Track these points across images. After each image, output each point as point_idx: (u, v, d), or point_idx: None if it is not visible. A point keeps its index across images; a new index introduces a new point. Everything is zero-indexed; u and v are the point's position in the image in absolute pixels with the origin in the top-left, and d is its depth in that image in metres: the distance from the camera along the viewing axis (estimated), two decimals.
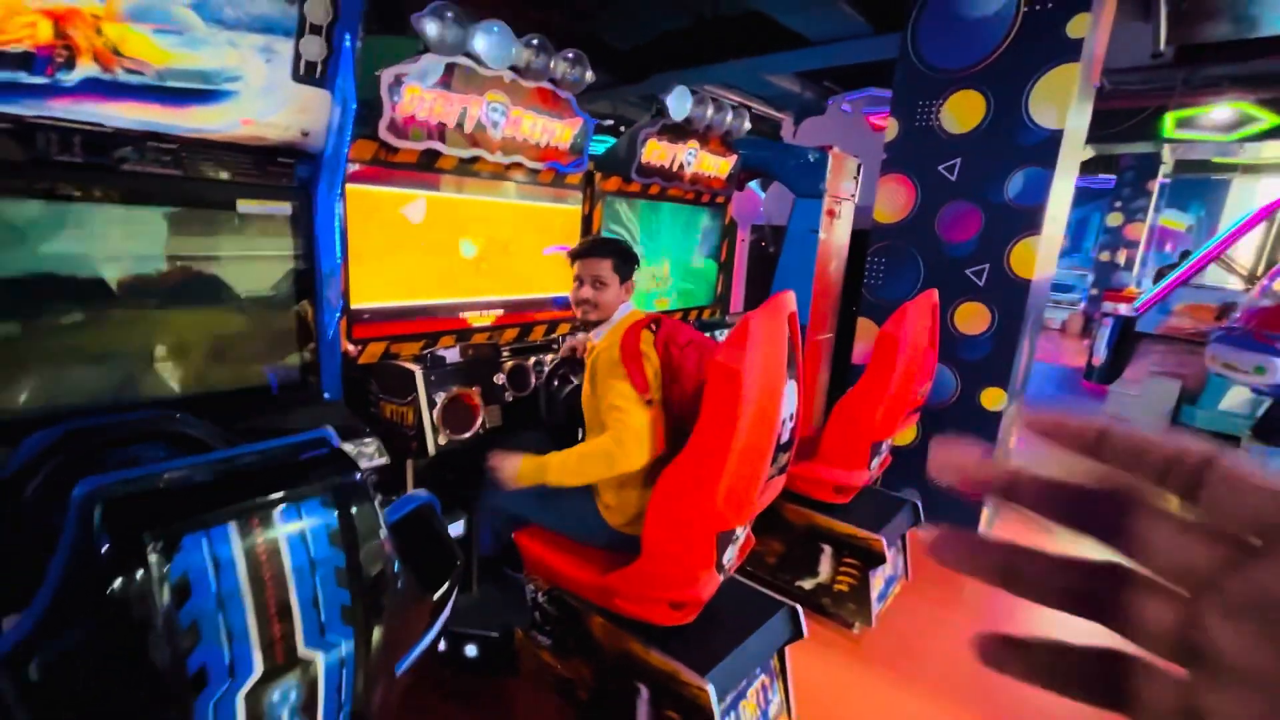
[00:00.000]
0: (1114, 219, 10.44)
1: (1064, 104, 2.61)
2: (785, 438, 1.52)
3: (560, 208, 2.44)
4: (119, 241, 1.36)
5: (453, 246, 2.11)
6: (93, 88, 1.17)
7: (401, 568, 0.81)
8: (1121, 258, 10.43)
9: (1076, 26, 2.52)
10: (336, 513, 0.75)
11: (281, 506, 0.70)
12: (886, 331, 2.12)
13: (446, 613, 0.99)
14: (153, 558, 0.61)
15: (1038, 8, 2.59)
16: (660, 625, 1.56)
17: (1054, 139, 2.65)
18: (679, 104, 2.55)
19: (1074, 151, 2.86)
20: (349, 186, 1.79)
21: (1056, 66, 2.59)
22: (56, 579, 0.61)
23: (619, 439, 1.53)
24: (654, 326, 1.66)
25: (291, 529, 0.70)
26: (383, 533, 0.78)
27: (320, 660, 0.72)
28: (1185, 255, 6.42)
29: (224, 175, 1.46)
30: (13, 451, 1.18)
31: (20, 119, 1.15)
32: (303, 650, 0.70)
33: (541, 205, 2.36)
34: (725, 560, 1.55)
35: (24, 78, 1.10)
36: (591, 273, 1.72)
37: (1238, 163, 9.99)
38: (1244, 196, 10.86)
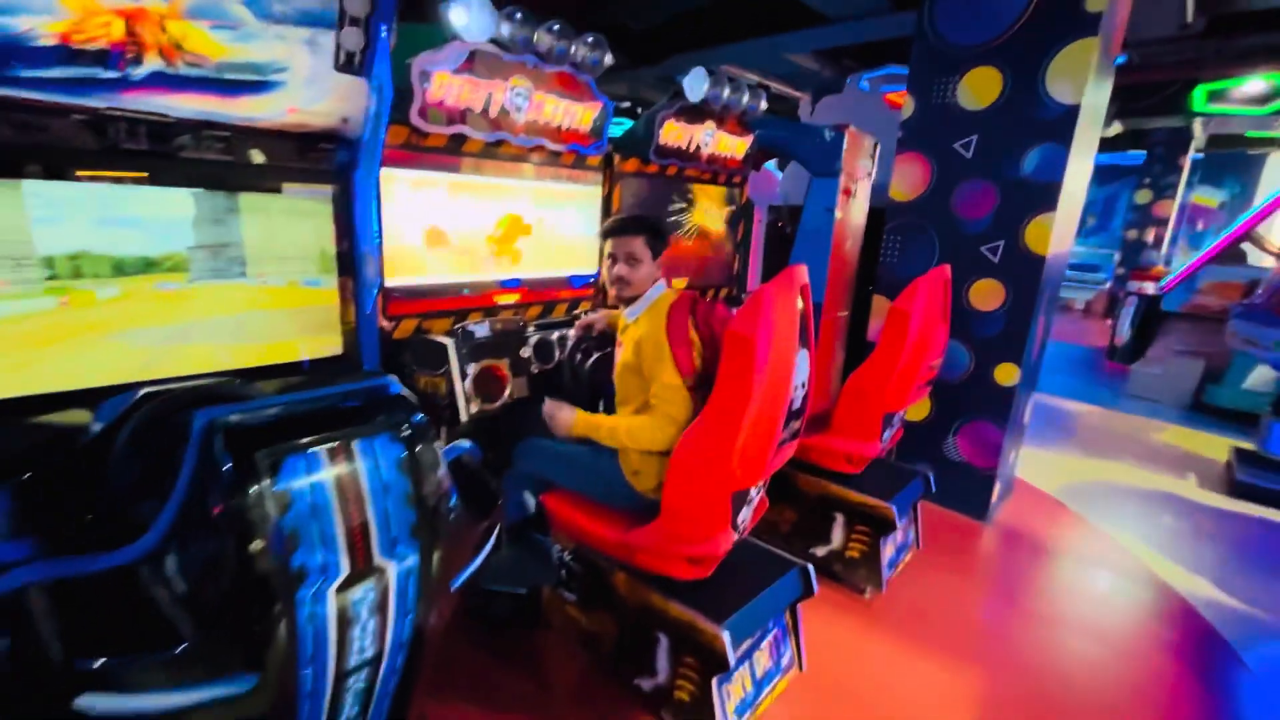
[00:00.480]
0: (1142, 196, 10.20)
1: (1081, 79, 2.61)
2: (797, 404, 1.60)
3: (581, 189, 2.52)
4: (176, 223, 1.48)
5: (480, 226, 2.21)
6: (158, 80, 1.28)
7: (456, 498, 0.93)
8: (1150, 236, 10.20)
9: (1095, 0, 2.52)
10: (403, 446, 0.87)
11: (359, 439, 0.83)
12: (898, 306, 2.19)
13: (491, 542, 1.11)
14: (263, 475, 0.73)
15: None
16: (679, 579, 1.67)
17: (1070, 115, 2.66)
18: (695, 85, 2.60)
19: (1092, 127, 2.86)
20: (383, 170, 1.90)
21: (1074, 41, 2.58)
22: (182, 493, 0.74)
23: (662, 425, 1.64)
24: (693, 309, 1.72)
25: (368, 457, 0.82)
26: (441, 467, 0.90)
27: (392, 568, 0.84)
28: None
29: (270, 160, 1.57)
30: (94, 414, 1.32)
31: (95, 110, 1.27)
32: (378, 558, 0.83)
33: (563, 186, 2.45)
34: (740, 520, 1.65)
35: (100, 73, 1.21)
36: (625, 250, 1.76)
37: (1274, 136, 9.67)
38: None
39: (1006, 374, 2.97)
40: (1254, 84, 6.34)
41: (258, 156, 1.55)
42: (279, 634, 0.77)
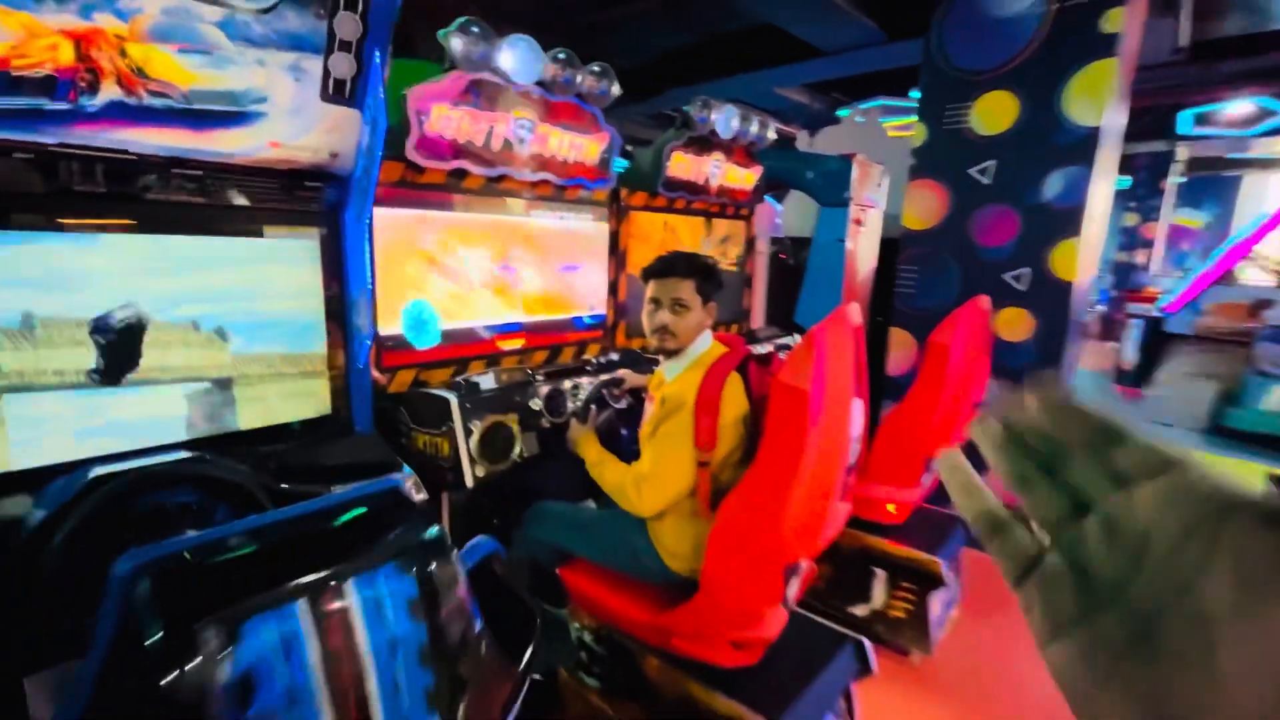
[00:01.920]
0: (1130, 219, 10.32)
1: (1101, 101, 2.53)
2: (851, 460, 1.41)
3: (586, 225, 2.37)
4: (140, 274, 1.29)
5: (479, 268, 2.04)
6: (117, 112, 1.11)
7: (483, 629, 0.71)
8: (1140, 258, 10.28)
9: (1112, 21, 2.45)
10: (416, 577, 0.64)
11: (354, 576, 0.60)
12: (937, 340, 2.02)
13: (530, 676, 0.88)
14: (211, 648, 0.51)
15: (1068, 4, 2.53)
16: (722, 666, 1.45)
17: (1092, 137, 2.57)
18: (725, 122, 2.55)
19: (1113, 150, 2.78)
20: (375, 210, 1.73)
21: (1092, 63, 2.51)
22: (98, 666, 0.52)
23: (641, 492, 1.43)
24: (744, 368, 1.49)
25: (367, 604, 0.60)
26: (463, 590, 0.68)
27: None
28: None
29: (250, 201, 1.39)
30: (36, 499, 1.11)
31: (42, 147, 1.09)
32: None
33: (568, 223, 2.29)
34: (789, 595, 1.44)
35: (46, 104, 1.04)
36: (671, 294, 1.51)
37: (1251, 158, 9.86)
38: (1256, 192, 10.72)
39: None
40: (1241, 107, 6.43)
41: (236, 197, 1.38)
42: None
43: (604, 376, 1.98)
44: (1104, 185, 2.78)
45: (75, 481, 1.05)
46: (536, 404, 1.83)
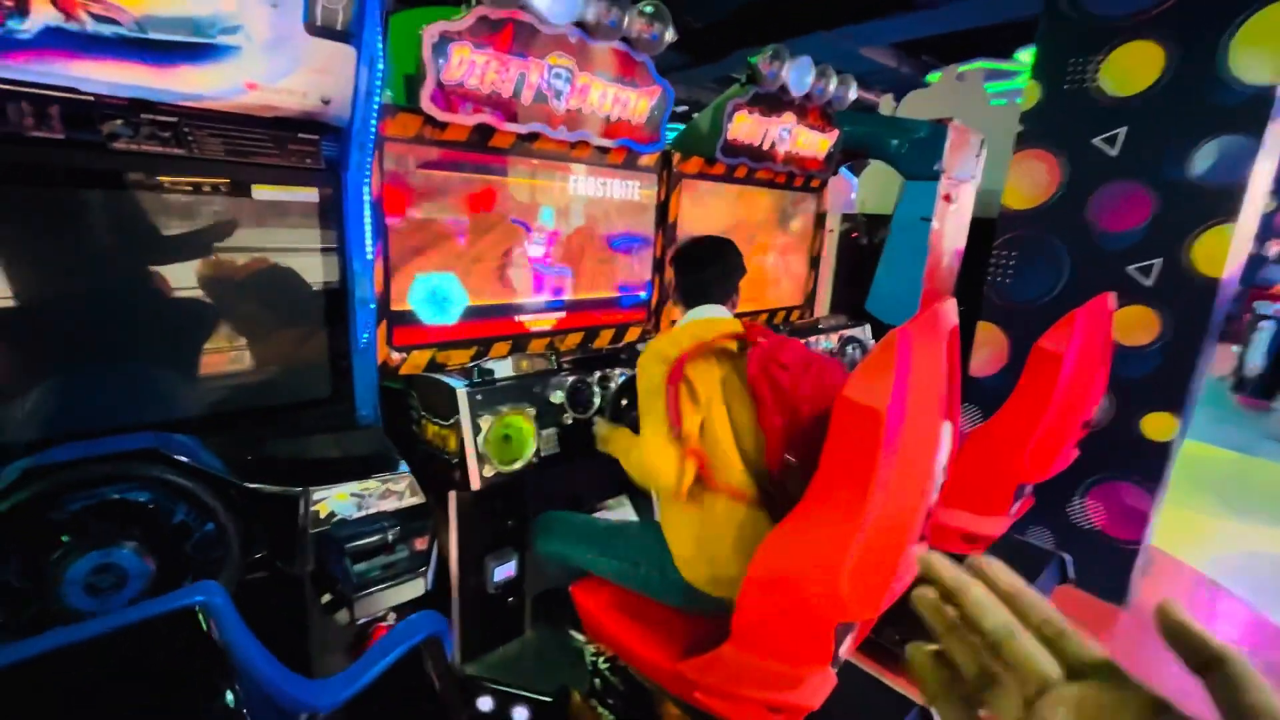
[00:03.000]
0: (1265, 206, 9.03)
1: (1279, 53, 2.01)
2: (934, 496, 1.12)
3: (632, 194, 2.10)
4: (108, 234, 1.14)
5: (508, 239, 1.82)
6: (55, 40, 0.93)
7: None
8: (1272, 250, 8.99)
9: None
10: None
11: None
12: (1047, 348, 1.65)
13: None
14: None
15: None
16: None
17: (1263, 98, 2.06)
18: (800, 77, 2.20)
19: None
20: (388, 169, 1.53)
21: (1273, 3, 1.99)
22: None
23: (631, 465, 1.38)
24: (739, 347, 1.33)
25: None
26: None
27: None
28: None
29: (236, 155, 1.21)
30: None
31: None
32: None
33: (612, 191, 2.03)
34: (840, 653, 1.18)
35: None
36: None
37: None
38: None
39: (1160, 426, 2.36)
40: None
41: (220, 150, 1.20)
42: None
43: (624, 362, 1.74)
44: (1270, 161, 2.25)
45: (5, 475, 0.91)
46: (558, 397, 1.62)
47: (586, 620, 1.48)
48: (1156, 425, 2.37)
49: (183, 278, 1.21)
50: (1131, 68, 2.27)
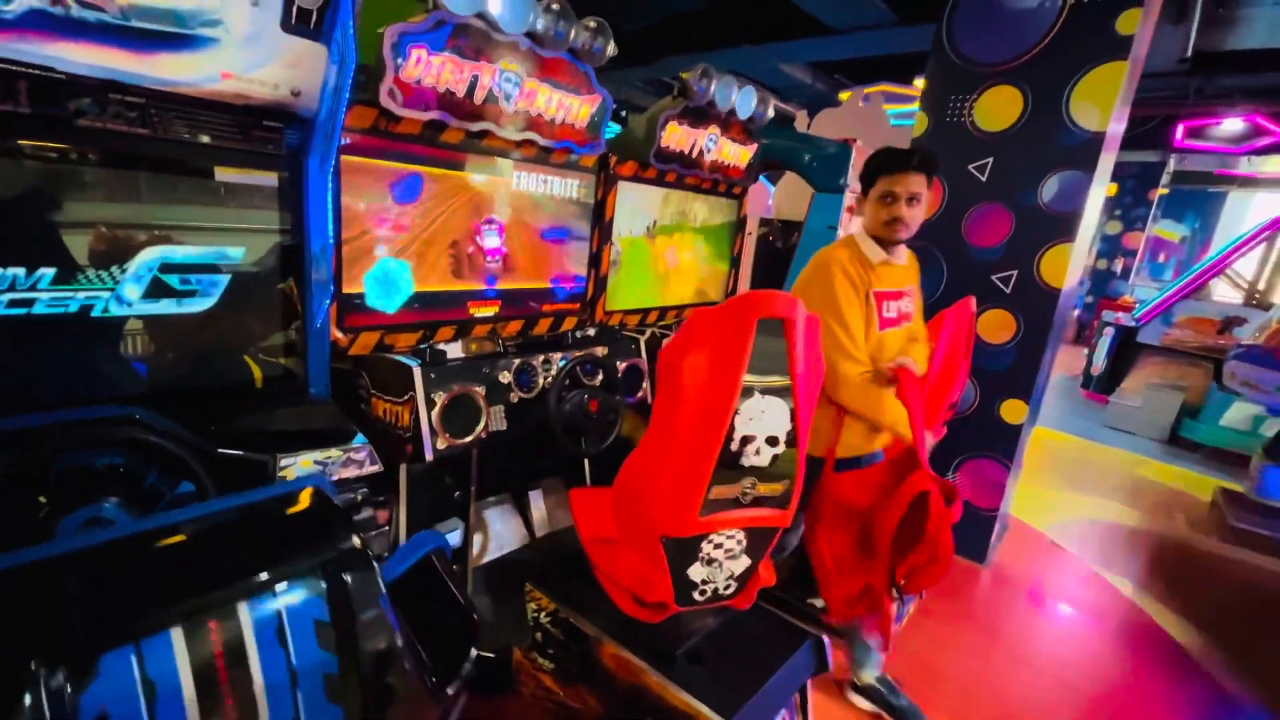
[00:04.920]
0: (1112, 227, 10.42)
1: (1107, 105, 2.47)
2: (756, 461, 1.32)
3: (570, 193, 2.25)
4: (74, 210, 1.17)
5: (455, 229, 1.93)
6: (39, 22, 0.98)
7: (406, 647, 0.63)
8: (1119, 266, 10.43)
9: (1126, 22, 2.38)
10: (327, 599, 0.56)
11: (249, 598, 0.51)
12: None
13: (463, 701, 0.82)
14: (55, 686, 0.41)
15: (1085, 1, 2.44)
16: (668, 650, 1.44)
17: (1094, 142, 2.51)
18: (745, 103, 2.52)
19: (1110, 156, 2.73)
20: (343, 158, 1.61)
21: (1103, 64, 2.44)
22: None
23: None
24: None
25: (264, 629, 0.51)
26: (384, 606, 0.60)
27: None
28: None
29: (201, 138, 1.27)
30: None
31: None
32: None
33: (552, 188, 2.18)
34: (696, 578, 1.40)
35: None
36: (910, 189, 1.68)
37: (1238, 176, 9.99)
38: (1238, 210, 10.92)
39: (1014, 411, 2.81)
40: (1234, 123, 6.46)
41: (184, 132, 1.25)
42: None
43: (564, 349, 1.91)
44: (1099, 192, 2.74)
45: None
46: (506, 377, 1.75)
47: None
48: (1012, 410, 2.82)
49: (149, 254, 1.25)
50: (997, 108, 2.69)
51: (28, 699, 0.38)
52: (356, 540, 0.64)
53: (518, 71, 1.81)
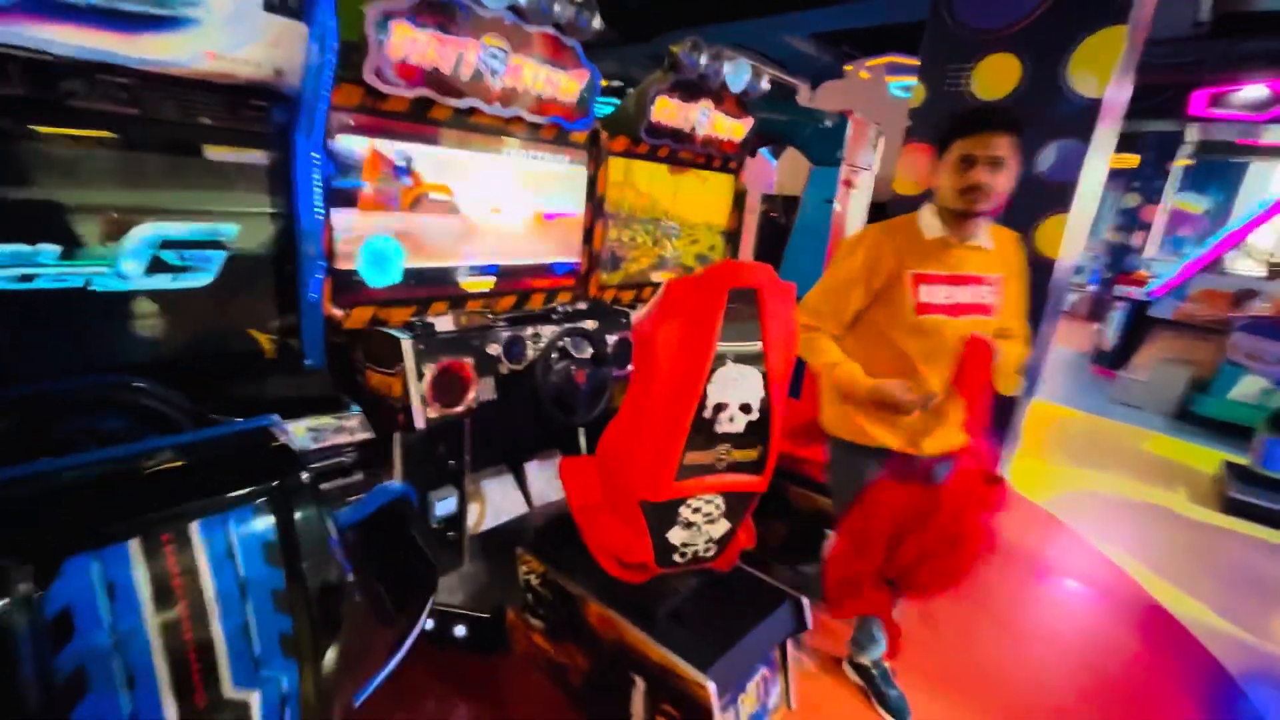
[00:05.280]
0: (1130, 200, 10.19)
1: (1106, 71, 2.43)
2: (730, 428, 1.36)
3: (562, 169, 2.28)
4: (71, 189, 1.22)
5: (446, 206, 1.97)
6: (30, 6, 1.02)
7: (357, 581, 0.70)
8: (1136, 240, 10.21)
9: None
10: (274, 523, 0.63)
11: (201, 518, 0.58)
12: None
13: (417, 629, 0.89)
14: (21, 587, 0.48)
15: None
16: (650, 609, 1.51)
17: (1091, 110, 2.48)
18: (738, 77, 2.48)
19: (1112, 125, 2.69)
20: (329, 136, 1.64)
21: (1101, 29, 2.40)
22: None
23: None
24: None
25: (214, 545, 0.58)
26: (330, 537, 0.67)
27: (255, 700, 0.61)
28: None
29: (189, 117, 1.31)
30: None
31: None
32: (230, 691, 0.59)
33: (543, 164, 2.21)
34: (676, 541, 1.46)
35: None
36: (992, 151, 1.42)
37: (1260, 145, 9.69)
38: (1260, 181, 10.59)
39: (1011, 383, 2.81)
40: (1256, 90, 6.25)
41: (173, 112, 1.30)
42: None
43: (554, 323, 1.95)
44: (1098, 162, 2.70)
45: None
46: (495, 349, 1.81)
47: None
48: (1008, 382, 2.82)
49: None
50: (995, 75, 2.66)
51: (3, 594, 0.45)
52: (303, 475, 0.70)
53: (502, 46, 1.83)
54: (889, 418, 1.60)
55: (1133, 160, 9.96)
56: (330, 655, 0.65)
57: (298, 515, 0.65)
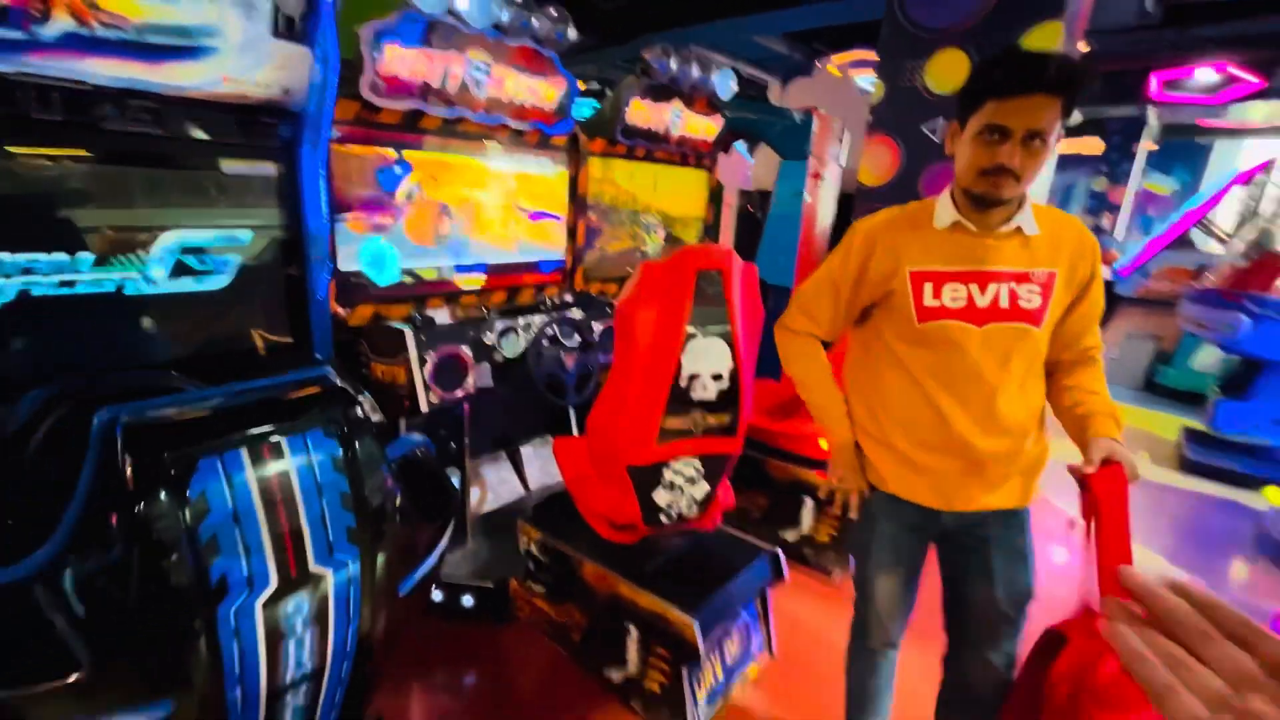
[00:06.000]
0: (1099, 184, 10.50)
1: None
2: (704, 395, 1.52)
3: (545, 170, 2.43)
4: (103, 203, 1.37)
5: (438, 209, 2.12)
6: (71, 42, 1.16)
7: (401, 496, 0.87)
8: (1107, 222, 10.53)
9: None
10: (339, 442, 0.80)
11: (288, 436, 0.76)
12: None
13: (445, 540, 1.05)
14: (172, 478, 0.65)
15: None
16: (640, 565, 1.66)
17: None
18: (723, 84, 2.71)
19: None
20: (332, 147, 1.79)
21: (1038, 25, 2.59)
22: (82, 499, 0.66)
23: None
24: None
25: (298, 456, 0.76)
26: (383, 465, 0.84)
27: (330, 576, 0.78)
28: None
29: (206, 135, 1.46)
30: (12, 409, 1.21)
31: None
32: (314, 566, 0.77)
33: (527, 167, 2.36)
34: (661, 502, 1.62)
35: (2, 33, 1.10)
36: (1030, 122, 1.03)
37: (1223, 126, 10.02)
38: (1225, 160, 10.94)
39: None
40: (1207, 74, 6.52)
41: (192, 130, 1.44)
42: (198, 654, 0.71)
43: (544, 313, 2.11)
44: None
45: (48, 392, 1.16)
46: (490, 338, 1.96)
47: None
48: None
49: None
50: (946, 71, 2.84)
51: (161, 482, 0.61)
52: (361, 406, 0.87)
53: (486, 60, 1.99)
54: (909, 458, 1.25)
55: (1099, 146, 10.27)
56: (383, 550, 0.83)
57: (356, 436, 0.82)
